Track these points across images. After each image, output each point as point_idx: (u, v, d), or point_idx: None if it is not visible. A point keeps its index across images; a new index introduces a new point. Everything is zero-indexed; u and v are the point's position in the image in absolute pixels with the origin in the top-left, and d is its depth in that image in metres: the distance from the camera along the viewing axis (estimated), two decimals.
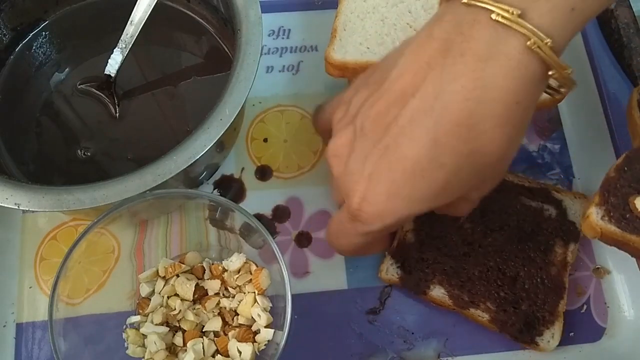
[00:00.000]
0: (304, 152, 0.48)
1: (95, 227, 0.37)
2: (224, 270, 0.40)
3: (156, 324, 0.39)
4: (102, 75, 0.44)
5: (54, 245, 0.44)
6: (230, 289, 0.40)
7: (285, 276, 0.36)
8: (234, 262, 0.40)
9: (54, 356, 0.34)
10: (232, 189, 0.46)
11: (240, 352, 0.37)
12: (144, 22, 0.42)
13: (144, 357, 0.38)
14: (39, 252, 0.44)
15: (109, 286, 0.40)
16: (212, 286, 0.40)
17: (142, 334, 0.39)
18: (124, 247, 0.42)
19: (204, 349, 0.38)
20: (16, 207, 0.35)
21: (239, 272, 0.40)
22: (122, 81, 0.44)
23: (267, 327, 0.38)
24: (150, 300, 0.39)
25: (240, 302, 0.39)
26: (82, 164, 0.43)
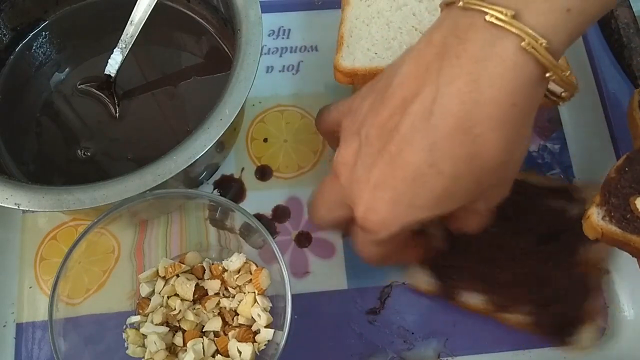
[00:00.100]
0: (304, 152, 0.48)
1: (95, 227, 0.37)
2: (224, 270, 0.40)
3: (156, 324, 0.39)
4: (102, 75, 0.44)
5: (54, 245, 0.44)
6: (230, 289, 0.40)
7: (285, 276, 0.36)
8: (234, 262, 0.40)
9: (54, 356, 0.34)
10: (232, 189, 0.46)
11: (240, 352, 0.37)
12: (144, 22, 0.42)
13: (144, 357, 0.38)
14: (39, 252, 0.44)
15: (109, 286, 0.40)
16: (212, 286, 0.40)
17: (142, 334, 0.39)
18: (124, 247, 0.42)
19: (204, 349, 0.38)
20: (16, 207, 0.35)
21: (239, 272, 0.40)
22: (122, 81, 0.44)
23: (267, 327, 0.38)
24: (150, 300, 0.39)
25: (240, 302, 0.39)
26: (82, 164, 0.43)
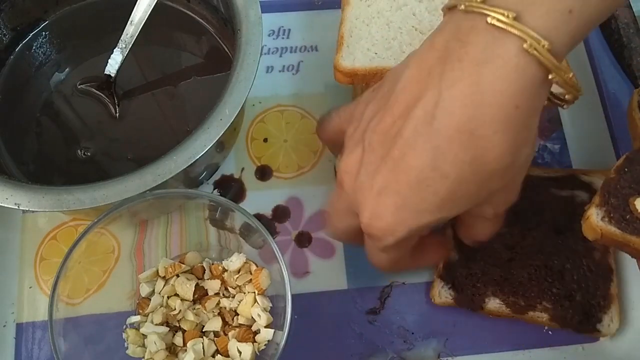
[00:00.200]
0: (304, 152, 0.48)
1: (95, 227, 0.37)
2: (224, 270, 0.40)
3: (156, 324, 0.39)
4: (102, 75, 0.44)
5: (54, 245, 0.44)
6: (230, 289, 0.40)
7: (285, 276, 0.36)
8: (234, 262, 0.40)
9: (54, 356, 0.34)
10: (232, 189, 0.46)
11: (240, 352, 0.37)
12: (144, 22, 0.42)
13: (144, 357, 0.38)
14: (39, 252, 0.44)
15: (109, 286, 0.40)
16: (212, 286, 0.40)
17: (142, 334, 0.39)
18: (124, 247, 0.42)
19: (204, 349, 0.38)
20: (16, 207, 0.35)
21: (239, 272, 0.40)
22: (122, 81, 0.44)
23: (267, 327, 0.38)
24: (150, 300, 0.39)
25: (240, 302, 0.39)
26: (82, 164, 0.43)
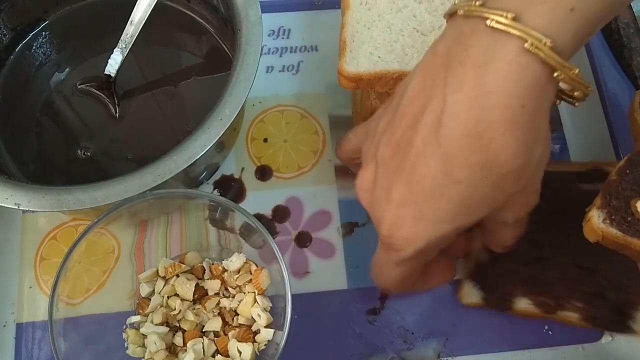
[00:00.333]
0: (304, 152, 0.48)
1: (95, 227, 0.37)
2: (224, 270, 0.40)
3: (156, 324, 0.39)
4: (102, 75, 0.44)
5: (54, 245, 0.44)
6: (230, 289, 0.40)
7: (285, 276, 0.36)
8: (234, 262, 0.40)
9: (54, 356, 0.34)
10: (232, 189, 0.46)
11: (240, 352, 0.38)
12: (144, 22, 0.42)
13: (144, 357, 0.38)
14: (39, 252, 0.44)
15: (109, 286, 0.40)
16: (212, 286, 0.40)
17: (142, 334, 0.39)
18: (124, 247, 0.42)
19: (204, 349, 0.38)
20: (16, 207, 0.35)
21: (239, 272, 0.40)
22: (122, 81, 0.44)
23: (267, 327, 0.38)
24: (150, 300, 0.39)
25: (240, 302, 0.39)
26: (82, 164, 0.43)
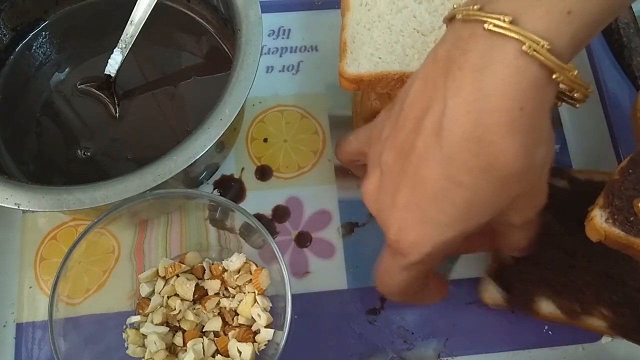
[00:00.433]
0: (304, 152, 0.48)
1: (95, 227, 0.37)
2: (224, 270, 0.40)
3: (156, 324, 0.39)
4: (102, 75, 0.44)
5: (54, 245, 0.44)
6: (230, 289, 0.40)
7: (285, 276, 0.36)
8: (234, 262, 0.40)
9: (54, 356, 0.34)
10: (232, 189, 0.46)
11: (240, 352, 0.38)
12: (144, 22, 0.42)
13: (144, 357, 0.38)
14: (39, 252, 0.44)
15: (109, 286, 0.40)
16: (212, 286, 0.40)
17: (142, 334, 0.39)
18: (124, 247, 0.42)
19: (204, 349, 0.38)
20: (16, 207, 0.35)
21: (239, 272, 0.40)
22: (122, 81, 0.44)
23: (267, 327, 0.38)
24: (150, 300, 0.39)
25: (240, 302, 0.39)
26: (82, 164, 0.43)
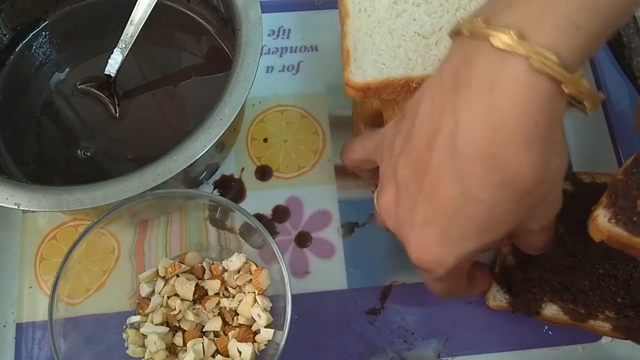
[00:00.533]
0: (304, 152, 0.48)
1: (95, 227, 0.37)
2: (224, 270, 0.40)
3: (156, 324, 0.39)
4: (102, 75, 0.44)
5: (54, 245, 0.44)
6: (230, 289, 0.40)
7: (285, 276, 0.36)
8: (234, 262, 0.40)
9: (54, 356, 0.34)
10: (232, 189, 0.46)
11: (240, 352, 0.38)
12: (144, 22, 0.42)
13: (144, 357, 0.38)
14: (39, 252, 0.44)
15: (109, 286, 0.40)
16: (212, 286, 0.40)
17: (142, 334, 0.39)
18: (124, 247, 0.42)
19: (204, 349, 0.38)
20: (16, 207, 0.35)
21: (239, 272, 0.40)
22: (122, 81, 0.44)
23: (267, 327, 0.38)
24: (150, 300, 0.39)
25: (240, 302, 0.39)
26: (82, 164, 0.43)
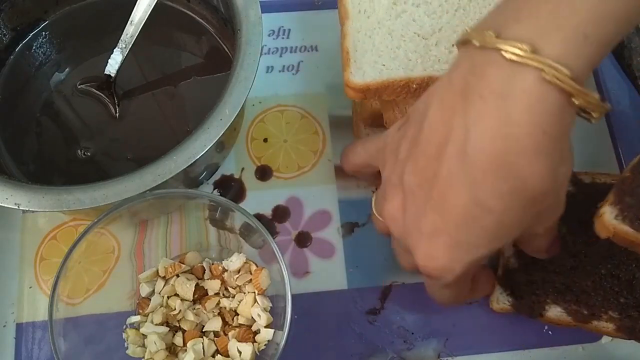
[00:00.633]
0: (304, 152, 0.48)
1: (95, 227, 0.37)
2: (224, 270, 0.40)
3: (156, 324, 0.39)
4: (102, 75, 0.44)
5: (54, 245, 0.44)
6: (230, 289, 0.40)
7: (285, 276, 0.36)
8: (234, 262, 0.40)
9: (54, 356, 0.34)
10: (232, 189, 0.46)
11: (240, 352, 0.38)
12: (144, 22, 0.42)
13: (144, 357, 0.38)
14: (39, 252, 0.44)
15: (109, 286, 0.40)
16: (212, 286, 0.40)
17: (142, 334, 0.39)
18: (124, 247, 0.42)
19: (204, 349, 0.38)
20: (16, 207, 0.35)
21: (239, 272, 0.40)
22: (122, 81, 0.44)
23: (267, 327, 0.38)
24: (150, 300, 0.39)
25: (240, 302, 0.39)
26: (82, 164, 0.43)
